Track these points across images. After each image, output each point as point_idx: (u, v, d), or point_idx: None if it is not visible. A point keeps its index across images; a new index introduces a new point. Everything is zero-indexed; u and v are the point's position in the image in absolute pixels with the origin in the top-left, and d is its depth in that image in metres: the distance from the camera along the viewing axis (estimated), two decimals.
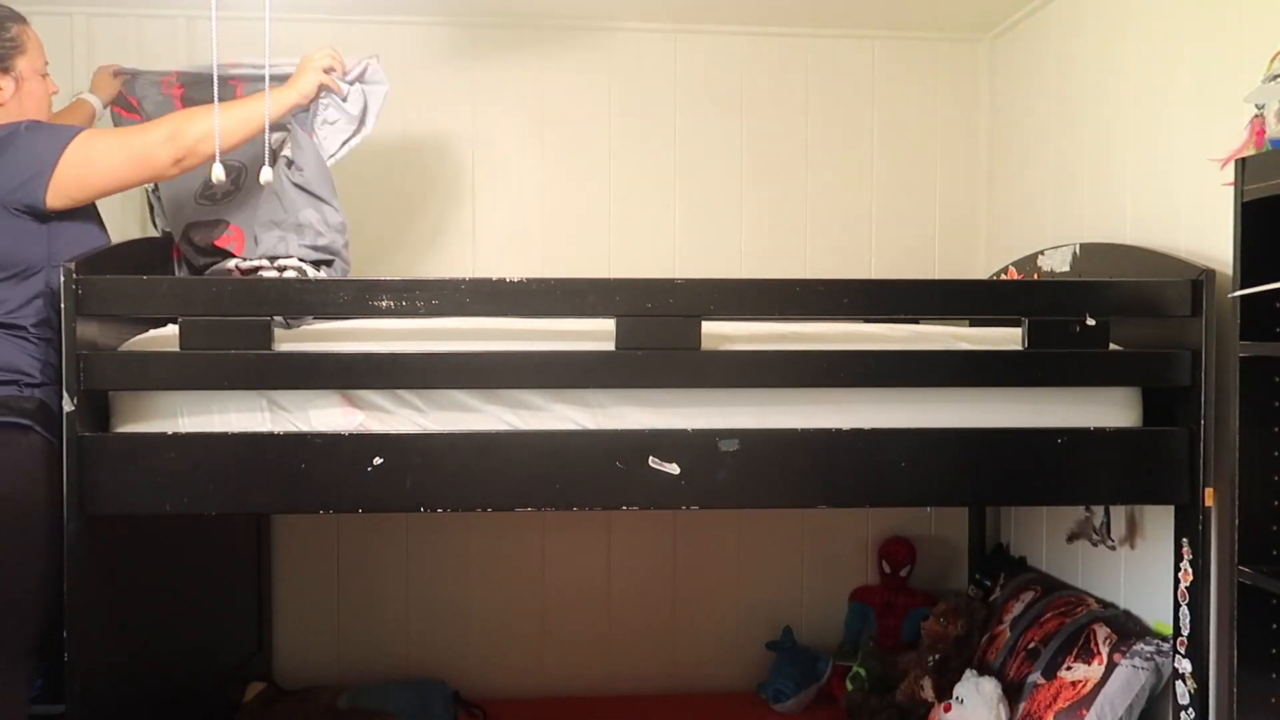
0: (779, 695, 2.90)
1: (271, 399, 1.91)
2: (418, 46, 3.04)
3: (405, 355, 1.89)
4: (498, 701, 2.95)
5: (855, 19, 3.06)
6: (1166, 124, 2.28)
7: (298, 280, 1.90)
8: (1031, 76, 2.94)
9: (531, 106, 3.09)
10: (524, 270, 2.85)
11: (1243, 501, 1.78)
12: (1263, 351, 1.75)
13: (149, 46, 2.95)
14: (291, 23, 2.97)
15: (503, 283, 1.91)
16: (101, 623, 1.92)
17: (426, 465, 1.87)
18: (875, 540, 3.21)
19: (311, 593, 3.04)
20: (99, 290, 1.87)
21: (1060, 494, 2.06)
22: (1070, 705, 2.23)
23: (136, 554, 2.11)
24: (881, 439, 1.95)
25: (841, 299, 2.00)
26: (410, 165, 3.06)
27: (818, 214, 3.17)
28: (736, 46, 3.13)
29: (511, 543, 3.10)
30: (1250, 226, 1.75)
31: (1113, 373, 2.03)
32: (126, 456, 1.85)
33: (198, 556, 2.49)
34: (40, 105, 2.05)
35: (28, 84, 2.01)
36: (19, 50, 2.00)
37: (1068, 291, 2.08)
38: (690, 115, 3.13)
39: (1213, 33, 2.13)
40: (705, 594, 3.16)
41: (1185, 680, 2.01)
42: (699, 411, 1.96)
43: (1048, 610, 2.54)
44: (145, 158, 1.96)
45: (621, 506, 1.92)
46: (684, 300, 1.93)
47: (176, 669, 2.37)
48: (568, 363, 1.91)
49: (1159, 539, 2.29)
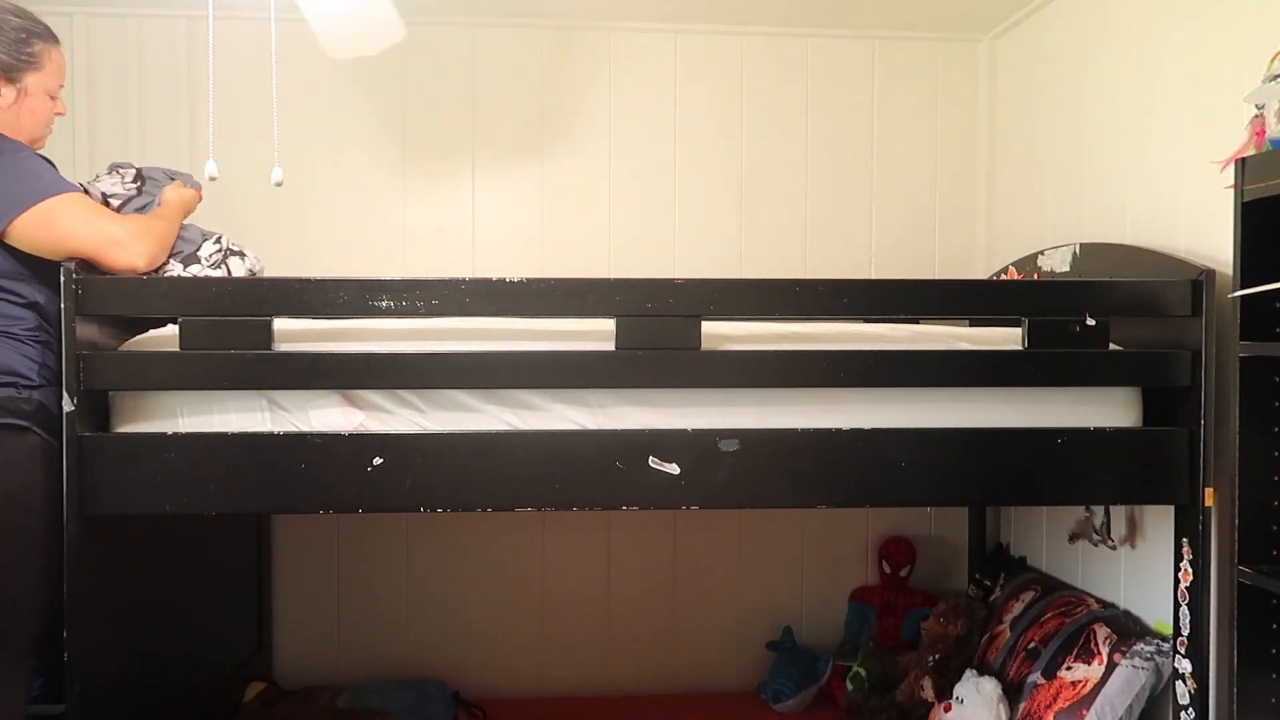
0: (779, 695, 2.90)
1: (271, 399, 1.91)
2: (417, 46, 3.04)
3: (405, 355, 1.89)
4: (498, 701, 2.95)
5: (855, 19, 3.07)
6: (1166, 124, 2.28)
7: (297, 280, 1.90)
8: (1031, 76, 2.94)
9: (531, 106, 3.09)
10: (524, 270, 2.86)
11: (1243, 501, 1.78)
12: (1263, 351, 1.75)
13: (149, 46, 2.95)
14: (292, 23, 2.96)
15: (503, 283, 1.91)
16: (101, 623, 1.92)
17: (426, 465, 1.87)
18: (875, 540, 3.21)
19: (311, 593, 3.04)
20: (99, 290, 1.87)
21: (1060, 494, 2.05)
22: (1070, 705, 2.23)
23: (136, 554, 2.11)
24: (881, 439, 1.95)
25: (841, 299, 2.00)
26: (410, 165, 3.06)
27: (818, 214, 3.17)
28: (736, 46, 3.13)
29: (511, 543, 3.10)
30: (1250, 226, 1.75)
31: (1113, 373, 2.03)
32: (126, 456, 1.85)
33: (198, 556, 2.49)
34: (38, 123, 2.03)
35: (32, 100, 2.00)
36: (34, 66, 1.99)
37: (1068, 291, 2.08)
38: (690, 115, 3.13)
39: (1212, 33, 2.13)
40: (705, 594, 3.16)
41: (1185, 680, 2.01)
42: (699, 411, 1.96)
43: (1048, 610, 2.54)
44: (107, 245, 1.91)
45: (621, 506, 1.92)
46: (684, 300, 1.93)
47: (176, 669, 2.37)
48: (568, 363, 1.91)
49: (1159, 539, 2.29)
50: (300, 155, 2.98)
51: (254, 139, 2.80)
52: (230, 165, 2.45)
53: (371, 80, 3.03)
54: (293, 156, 2.95)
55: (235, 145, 2.79)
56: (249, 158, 2.76)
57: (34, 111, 2.01)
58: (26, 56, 1.98)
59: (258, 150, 2.79)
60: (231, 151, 2.76)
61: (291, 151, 2.96)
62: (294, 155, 2.96)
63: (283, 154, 2.84)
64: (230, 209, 2.94)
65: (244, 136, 2.80)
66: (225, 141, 2.75)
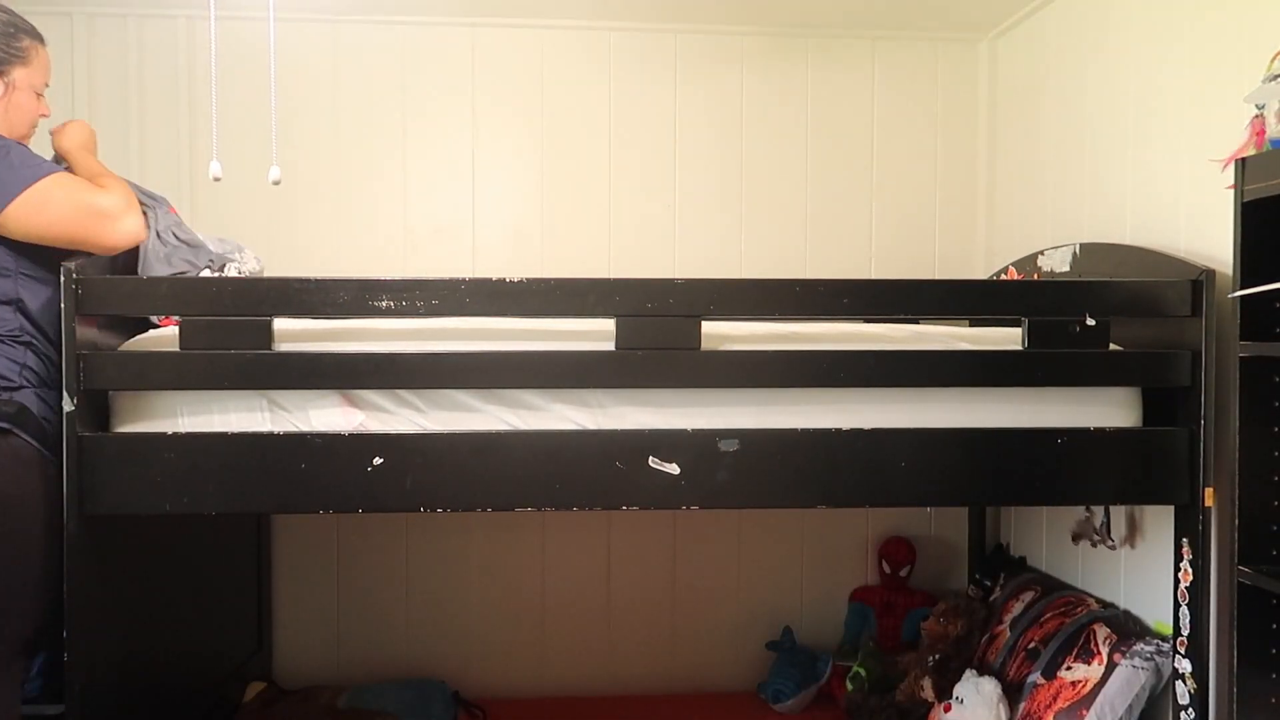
0: (779, 695, 2.90)
1: (272, 399, 1.91)
2: (417, 46, 3.05)
3: (405, 355, 1.89)
4: (497, 701, 2.95)
5: (855, 19, 3.06)
6: (1166, 124, 2.28)
7: (296, 280, 1.90)
8: (1031, 76, 2.94)
9: (531, 106, 3.09)
10: (524, 270, 2.86)
11: (1243, 501, 1.78)
12: (1263, 351, 1.75)
13: (149, 46, 2.95)
14: (292, 23, 2.97)
15: (503, 283, 1.91)
16: (101, 623, 1.92)
17: (426, 465, 1.87)
18: (875, 540, 3.21)
19: (311, 593, 3.04)
20: (98, 290, 1.87)
21: (1060, 494, 2.05)
22: (1070, 705, 2.23)
23: (136, 554, 2.11)
24: (881, 439, 1.95)
25: (841, 299, 2.00)
26: (410, 165, 3.06)
27: (817, 214, 3.17)
28: (737, 46, 3.13)
29: (511, 543, 3.10)
30: (1250, 226, 1.75)
31: (1113, 373, 2.03)
32: (126, 456, 1.85)
33: (198, 556, 2.49)
34: (23, 119, 2.02)
35: (18, 95, 1.99)
36: (21, 61, 1.98)
37: (1068, 291, 2.08)
38: (690, 115, 3.13)
39: (1212, 33, 2.13)
40: (705, 594, 3.16)
41: (1185, 680, 2.01)
42: (699, 411, 1.96)
43: (1048, 610, 2.54)
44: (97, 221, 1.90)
45: (621, 507, 1.92)
46: (684, 300, 1.93)
47: (176, 669, 2.37)
48: (568, 363, 1.91)
49: (1159, 539, 2.29)
50: (300, 155, 2.98)
51: (254, 138, 2.80)
52: (231, 165, 2.45)
53: (371, 80, 3.03)
54: (292, 156, 2.96)
55: (235, 145, 2.79)
56: (249, 157, 2.76)
57: (20, 108, 2.00)
58: (15, 50, 1.97)
59: (258, 150, 2.79)
60: (232, 151, 2.76)
61: (291, 151, 2.96)
62: (294, 155, 2.96)
63: (282, 154, 2.86)
64: (230, 209, 2.95)
65: (244, 136, 2.80)
66: (225, 141, 2.75)
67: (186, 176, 2.96)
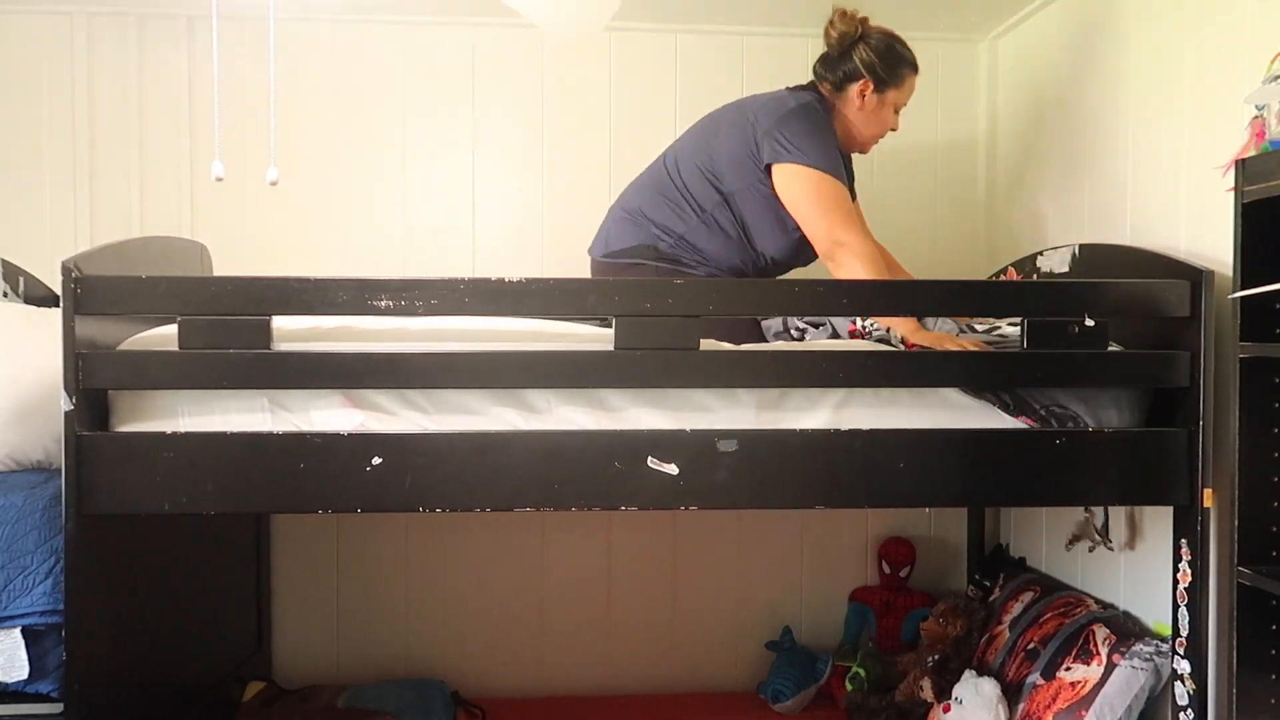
0: (778, 695, 2.90)
1: (273, 398, 1.91)
2: (418, 46, 3.04)
3: (405, 355, 1.89)
4: (497, 701, 2.95)
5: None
6: (1166, 124, 2.28)
7: (296, 279, 1.89)
8: (1031, 76, 2.94)
9: (532, 106, 3.09)
10: (524, 270, 2.86)
11: (1242, 502, 1.78)
12: (1262, 352, 1.75)
13: (149, 46, 2.95)
14: (293, 23, 2.97)
15: (503, 283, 1.91)
16: (100, 622, 1.92)
17: (426, 465, 1.87)
18: (875, 540, 3.21)
19: (311, 593, 3.04)
20: (97, 289, 1.87)
21: (1060, 494, 2.05)
22: (1069, 706, 2.23)
23: (135, 554, 2.11)
24: (881, 439, 1.94)
25: (841, 299, 2.00)
26: (410, 165, 3.07)
27: None
28: (737, 46, 3.13)
29: (511, 543, 3.10)
30: (1250, 227, 1.76)
31: (1112, 373, 2.02)
32: (125, 456, 1.85)
33: (197, 556, 2.49)
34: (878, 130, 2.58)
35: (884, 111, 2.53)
36: (896, 85, 2.50)
37: (1067, 292, 2.07)
38: (690, 115, 3.12)
39: (1213, 34, 2.13)
40: (705, 594, 3.16)
41: (1184, 681, 2.01)
42: (698, 412, 1.96)
43: (1047, 611, 2.54)
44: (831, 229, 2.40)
45: (620, 507, 1.91)
46: (684, 300, 1.93)
47: (176, 668, 2.37)
48: (567, 363, 1.91)
49: (1158, 540, 2.29)
50: (300, 155, 2.98)
51: (254, 138, 2.80)
52: (231, 165, 2.44)
53: (372, 80, 3.03)
54: (293, 156, 2.96)
55: (235, 145, 2.79)
56: (250, 157, 2.76)
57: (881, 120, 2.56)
58: (894, 76, 2.49)
59: (258, 150, 2.79)
60: (232, 151, 2.75)
61: (291, 151, 2.96)
62: (294, 155, 2.96)
63: (282, 154, 2.85)
64: (230, 209, 2.95)
65: (244, 136, 2.80)
66: (225, 141, 2.74)
67: (187, 176, 2.96)
